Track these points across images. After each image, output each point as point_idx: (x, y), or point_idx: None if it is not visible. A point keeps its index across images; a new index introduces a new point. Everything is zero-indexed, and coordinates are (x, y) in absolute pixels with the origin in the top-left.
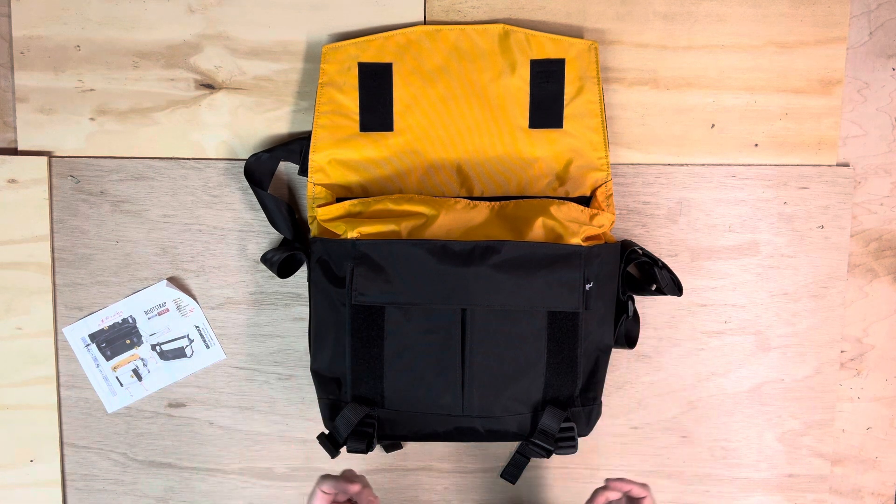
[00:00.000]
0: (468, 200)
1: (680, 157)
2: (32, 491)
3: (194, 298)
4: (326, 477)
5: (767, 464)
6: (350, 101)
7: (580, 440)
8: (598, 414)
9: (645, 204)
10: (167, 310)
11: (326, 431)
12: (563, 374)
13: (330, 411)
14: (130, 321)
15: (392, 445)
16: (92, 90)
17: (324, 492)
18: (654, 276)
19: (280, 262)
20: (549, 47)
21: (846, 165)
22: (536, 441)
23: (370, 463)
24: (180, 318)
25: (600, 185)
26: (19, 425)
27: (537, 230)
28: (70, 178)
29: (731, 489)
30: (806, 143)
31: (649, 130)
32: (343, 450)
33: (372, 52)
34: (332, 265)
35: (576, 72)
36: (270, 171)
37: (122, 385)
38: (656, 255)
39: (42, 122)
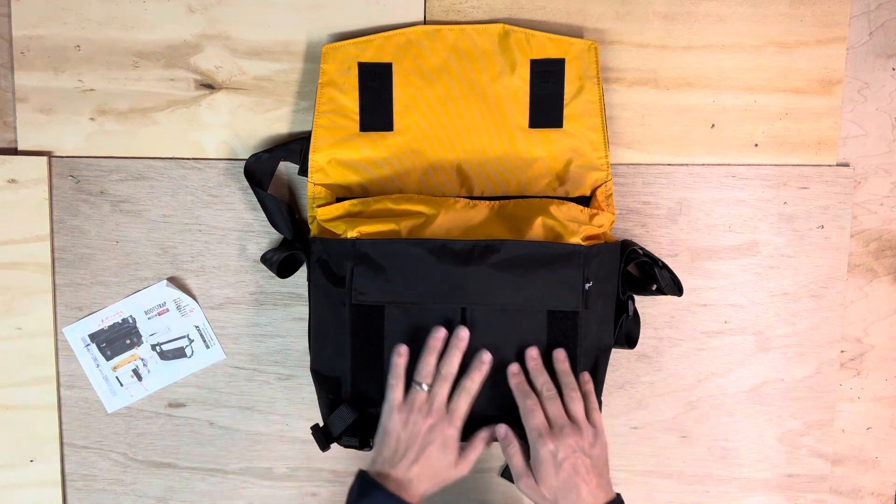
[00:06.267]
0: (468, 200)
1: (680, 157)
2: (32, 491)
3: (194, 298)
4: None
5: (767, 464)
6: (350, 101)
7: None
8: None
9: (645, 204)
10: (167, 310)
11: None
12: None
13: (330, 410)
14: (130, 321)
15: None
16: (92, 90)
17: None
18: (654, 275)
19: (280, 262)
20: (548, 47)
21: (846, 165)
22: None
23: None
24: (180, 318)
25: (600, 185)
26: (19, 425)
27: (537, 229)
28: (70, 178)
29: (731, 489)
30: (806, 143)
31: (649, 130)
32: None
33: (372, 52)
34: (332, 265)
35: (576, 71)
36: (270, 171)
37: (122, 385)
38: (656, 254)
39: (42, 122)
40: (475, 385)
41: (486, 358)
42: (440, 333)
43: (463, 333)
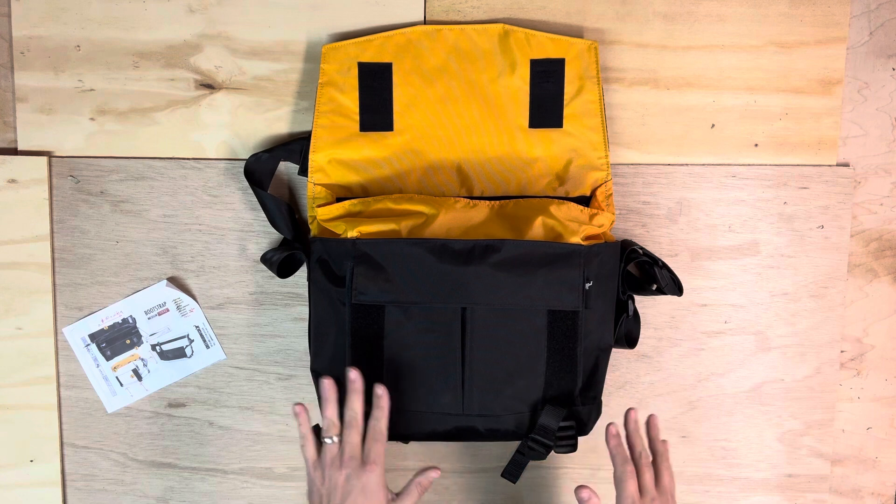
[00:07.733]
0: (468, 200)
1: (680, 157)
2: (32, 491)
3: (194, 298)
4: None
5: (767, 464)
6: (350, 101)
7: (580, 440)
8: (598, 413)
9: (645, 204)
10: (167, 310)
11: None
12: (563, 373)
13: None
14: (130, 321)
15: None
16: (92, 90)
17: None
18: (654, 275)
19: (280, 262)
20: (548, 47)
21: (846, 165)
22: (536, 437)
23: None
24: (180, 318)
25: (600, 185)
26: (19, 425)
27: (537, 229)
28: (70, 178)
29: (731, 489)
30: (806, 143)
31: (649, 130)
32: None
33: (372, 51)
34: (332, 265)
35: (576, 71)
36: (270, 171)
37: (122, 385)
38: (656, 254)
39: (42, 122)
40: (381, 423)
41: (380, 391)
42: (328, 382)
43: (353, 375)
